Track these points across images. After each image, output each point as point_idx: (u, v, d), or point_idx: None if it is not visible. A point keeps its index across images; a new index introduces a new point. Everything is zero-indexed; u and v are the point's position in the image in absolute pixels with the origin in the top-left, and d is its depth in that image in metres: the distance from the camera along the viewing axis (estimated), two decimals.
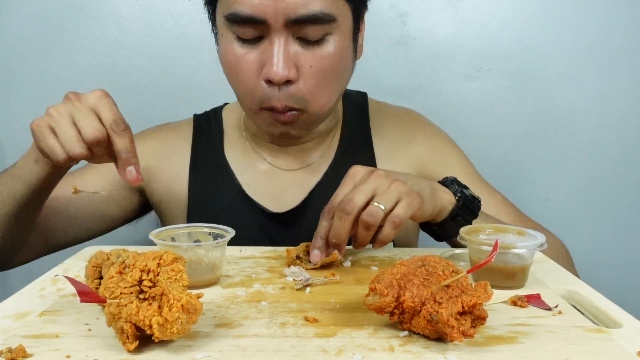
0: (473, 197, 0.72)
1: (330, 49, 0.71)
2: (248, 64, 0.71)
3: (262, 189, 0.86)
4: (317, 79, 0.72)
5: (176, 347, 0.44)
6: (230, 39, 0.72)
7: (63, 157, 0.62)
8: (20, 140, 1.23)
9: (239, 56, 0.72)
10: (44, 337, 0.46)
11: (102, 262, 0.53)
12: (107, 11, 1.18)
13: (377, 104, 0.95)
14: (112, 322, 0.44)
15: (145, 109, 1.21)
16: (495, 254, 0.48)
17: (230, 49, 0.73)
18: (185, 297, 0.43)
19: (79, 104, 0.63)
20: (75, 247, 0.75)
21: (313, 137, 0.86)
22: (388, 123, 0.92)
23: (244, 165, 0.87)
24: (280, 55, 0.69)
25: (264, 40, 0.70)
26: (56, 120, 0.62)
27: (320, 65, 0.71)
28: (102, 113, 0.62)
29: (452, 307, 0.44)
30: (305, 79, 0.71)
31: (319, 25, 0.69)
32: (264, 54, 0.70)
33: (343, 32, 0.73)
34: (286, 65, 0.69)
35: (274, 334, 0.47)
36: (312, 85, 0.72)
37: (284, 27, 0.68)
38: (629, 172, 1.24)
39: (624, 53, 1.19)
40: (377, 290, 0.47)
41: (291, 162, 0.87)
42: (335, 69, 0.73)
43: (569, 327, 0.49)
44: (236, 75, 0.74)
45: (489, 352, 0.44)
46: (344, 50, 0.74)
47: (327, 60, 0.72)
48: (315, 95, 0.73)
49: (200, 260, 0.59)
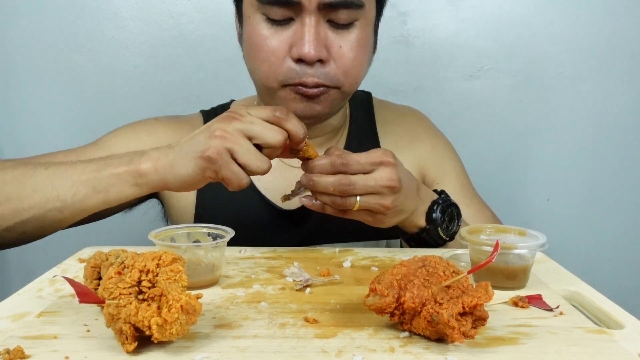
0: (454, 204, 0.74)
1: (358, 34, 0.74)
2: (276, 44, 0.72)
3: (272, 184, 0.85)
4: (347, 59, 0.74)
5: (175, 348, 0.44)
6: (259, 20, 0.73)
7: (247, 182, 0.62)
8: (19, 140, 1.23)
9: (267, 36, 0.73)
10: (43, 338, 0.46)
11: (100, 262, 0.52)
12: (106, 10, 1.18)
13: (381, 102, 0.96)
14: (111, 322, 0.44)
15: (145, 108, 1.21)
16: (496, 255, 0.47)
17: (257, 30, 0.73)
18: (184, 298, 0.43)
19: (243, 118, 0.62)
20: (74, 248, 0.75)
21: (325, 131, 0.86)
22: (393, 120, 0.93)
23: None
24: (311, 35, 0.70)
25: (294, 22, 0.72)
26: (232, 140, 0.60)
27: (349, 48, 0.74)
28: (258, 114, 0.63)
29: (452, 308, 0.44)
30: (336, 58, 0.73)
31: (350, 10, 0.71)
32: (295, 35, 0.72)
33: (368, 20, 0.76)
34: (318, 45, 0.71)
35: (274, 334, 0.47)
36: (342, 64, 0.74)
37: (316, 9, 0.70)
38: (630, 171, 1.24)
39: (625, 53, 1.19)
40: (378, 291, 0.47)
41: None
42: (361, 53, 0.75)
43: (571, 328, 0.49)
44: (260, 54, 0.74)
45: (490, 353, 0.44)
46: (368, 38, 0.77)
47: (356, 42, 0.74)
48: (346, 73, 0.74)
49: (199, 261, 0.59)
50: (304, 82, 0.72)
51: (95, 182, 0.65)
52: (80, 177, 0.65)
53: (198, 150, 0.61)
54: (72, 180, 0.66)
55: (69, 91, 1.20)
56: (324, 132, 0.86)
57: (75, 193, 0.65)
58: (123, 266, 0.46)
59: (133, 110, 1.21)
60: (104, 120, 1.21)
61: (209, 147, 0.60)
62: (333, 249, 0.74)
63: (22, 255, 1.25)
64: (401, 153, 0.88)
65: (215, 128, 0.61)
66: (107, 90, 1.20)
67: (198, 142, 0.61)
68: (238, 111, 0.63)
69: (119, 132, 0.90)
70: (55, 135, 1.21)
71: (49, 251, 1.23)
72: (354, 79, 0.77)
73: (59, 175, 0.67)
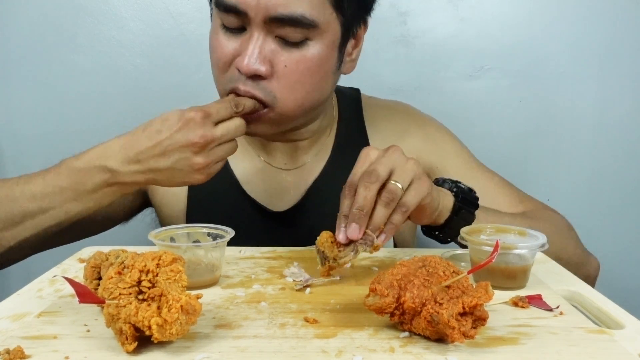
0: (469, 188, 0.72)
1: (309, 53, 0.71)
2: (226, 51, 0.72)
3: (260, 187, 0.85)
4: (290, 80, 0.71)
5: (175, 348, 0.44)
6: (217, 25, 0.74)
7: None
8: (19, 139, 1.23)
9: (220, 42, 0.73)
10: (42, 338, 0.46)
11: (100, 262, 0.52)
12: (106, 10, 1.18)
13: (369, 98, 0.94)
14: (110, 323, 0.44)
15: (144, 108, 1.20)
16: (496, 255, 0.47)
17: (214, 34, 0.75)
18: (184, 298, 0.43)
19: (210, 133, 0.65)
20: (73, 248, 0.75)
21: (307, 135, 0.85)
22: (381, 117, 0.92)
23: (242, 162, 0.87)
24: (255, 49, 0.69)
25: (245, 32, 0.71)
26: (214, 167, 0.67)
27: (295, 68, 0.71)
28: (221, 115, 0.67)
29: (452, 308, 0.44)
30: (278, 77, 0.71)
31: (299, 28, 0.69)
32: (242, 45, 0.71)
33: (326, 40, 0.72)
34: (258, 60, 0.69)
35: (274, 334, 0.47)
36: (283, 85, 0.71)
37: (263, 23, 0.69)
38: (631, 171, 1.24)
39: (625, 52, 1.19)
40: (378, 291, 0.47)
41: (287, 160, 0.86)
42: (310, 75, 0.72)
43: (571, 328, 0.49)
44: (213, 58, 0.75)
45: (490, 353, 0.44)
46: (324, 59, 0.73)
47: (303, 63, 0.71)
48: (284, 95, 0.72)
49: (199, 261, 0.59)
50: (237, 89, 0.71)
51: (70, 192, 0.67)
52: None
53: (185, 180, 0.67)
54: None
55: (69, 91, 1.20)
56: (304, 136, 0.85)
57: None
58: (123, 266, 0.46)
59: (133, 110, 1.21)
60: (104, 120, 1.21)
61: (196, 180, 0.67)
62: None
63: None
64: (391, 139, 0.87)
65: (194, 163, 0.64)
66: (107, 90, 1.20)
67: (180, 172, 0.65)
68: (201, 116, 0.65)
69: None
70: (55, 135, 1.21)
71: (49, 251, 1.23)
72: (294, 102, 0.73)
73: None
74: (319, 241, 0.61)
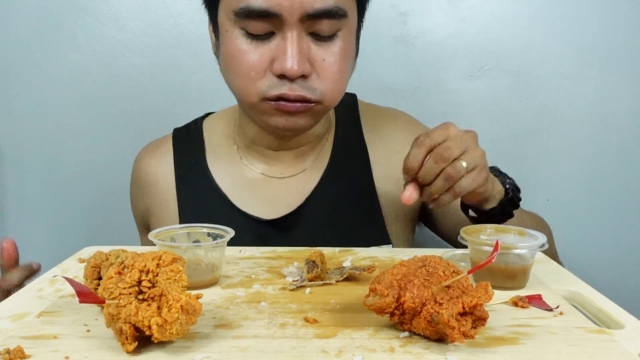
0: (518, 188, 0.74)
1: (341, 43, 0.72)
2: (256, 58, 0.70)
3: (254, 198, 0.84)
4: (331, 73, 0.72)
5: (175, 348, 0.44)
6: (237, 35, 0.71)
7: None
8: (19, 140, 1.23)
9: (246, 51, 0.70)
10: (43, 338, 0.46)
11: (101, 262, 0.52)
12: (106, 10, 1.18)
13: (367, 105, 0.94)
14: (111, 322, 0.44)
15: (144, 108, 1.21)
16: (496, 255, 0.47)
17: (235, 45, 0.71)
18: (184, 298, 0.43)
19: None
20: (74, 248, 0.75)
21: (308, 140, 0.85)
22: (382, 124, 0.91)
23: (232, 177, 0.86)
24: (294, 50, 0.68)
25: (275, 36, 0.70)
26: None
27: (332, 60, 0.72)
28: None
29: (452, 308, 0.44)
30: (319, 72, 0.71)
31: (333, 20, 0.69)
32: (276, 50, 0.69)
33: (350, 28, 0.74)
34: (301, 60, 0.68)
35: (274, 334, 0.47)
36: (325, 79, 0.72)
37: (298, 22, 0.68)
38: (631, 171, 1.24)
39: (625, 52, 1.19)
40: (378, 291, 0.47)
41: (285, 169, 0.86)
42: (345, 64, 0.74)
43: (571, 328, 0.49)
44: (239, 69, 0.72)
45: (490, 353, 0.44)
46: (351, 46, 0.75)
47: (338, 54, 0.72)
48: (328, 88, 0.72)
49: (199, 261, 0.59)
50: (285, 95, 0.70)
51: None
52: None
53: None
54: None
55: (68, 91, 1.20)
56: (307, 140, 0.85)
57: None
58: (123, 266, 0.46)
59: (133, 111, 1.21)
60: (103, 120, 1.21)
61: None
62: (333, 249, 0.74)
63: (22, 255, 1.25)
64: (395, 158, 0.87)
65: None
66: (107, 90, 1.20)
67: None
68: None
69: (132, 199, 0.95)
70: (55, 135, 1.21)
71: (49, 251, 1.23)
72: (338, 93, 0.75)
73: None
74: (311, 255, 0.63)
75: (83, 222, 1.23)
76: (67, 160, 1.22)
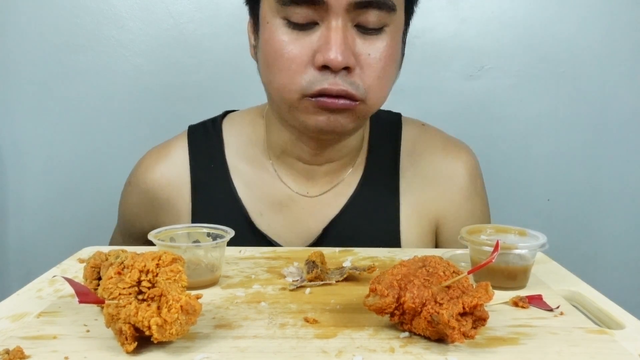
0: None
1: (387, 41, 0.68)
2: (297, 50, 0.65)
3: (276, 219, 0.78)
4: (376, 69, 0.67)
5: (175, 349, 0.44)
6: (279, 25, 0.66)
7: None
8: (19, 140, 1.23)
9: (287, 42, 0.66)
10: (42, 339, 0.46)
11: (100, 262, 0.52)
12: (106, 10, 1.18)
13: (416, 128, 0.84)
14: (110, 323, 0.43)
15: (144, 108, 1.21)
16: (496, 255, 0.47)
17: (276, 36, 0.66)
18: (184, 298, 0.42)
19: None
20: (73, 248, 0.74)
21: (342, 154, 0.79)
22: (425, 150, 0.82)
23: (255, 190, 0.79)
24: (339, 39, 0.64)
25: (318, 27, 0.65)
26: None
27: (379, 56, 0.67)
28: None
29: (453, 308, 0.44)
30: (363, 67, 0.67)
31: (381, 11, 0.65)
32: (319, 40, 0.65)
33: (398, 26, 0.70)
34: (345, 51, 0.64)
35: (274, 335, 0.47)
36: (369, 75, 0.67)
37: (345, 11, 0.64)
38: (631, 171, 1.24)
39: (626, 52, 1.19)
40: (378, 291, 0.46)
41: (313, 187, 0.80)
42: (390, 64, 0.69)
43: (571, 329, 0.49)
44: (280, 62, 0.66)
45: (490, 354, 0.44)
46: (397, 46, 0.70)
47: (385, 51, 0.67)
48: (373, 85, 0.67)
49: (199, 261, 0.59)
50: (327, 90, 0.65)
51: None
52: None
53: None
54: None
55: (68, 91, 1.20)
56: (341, 154, 0.78)
57: None
58: (123, 266, 0.46)
59: (133, 110, 1.21)
60: (103, 120, 1.21)
61: None
62: (333, 249, 0.74)
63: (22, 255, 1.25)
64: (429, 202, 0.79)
65: None
66: (106, 89, 1.20)
67: None
68: None
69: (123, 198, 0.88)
70: (55, 135, 1.21)
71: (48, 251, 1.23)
72: (381, 93, 0.70)
73: None
74: (311, 256, 0.63)
75: (82, 222, 1.23)
76: (66, 160, 1.22)
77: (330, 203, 0.80)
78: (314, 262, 0.61)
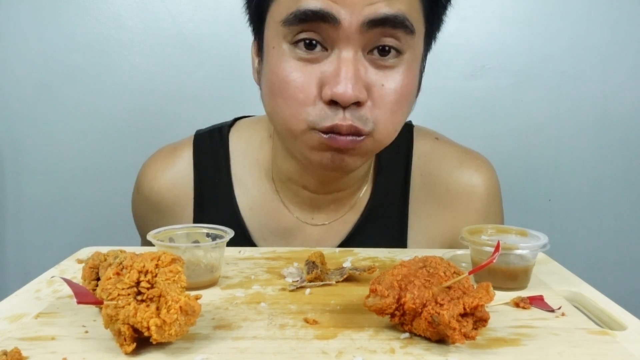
0: None
1: (404, 69, 0.62)
2: (303, 79, 0.60)
3: (279, 245, 0.76)
4: (389, 102, 0.62)
5: (174, 349, 0.44)
6: (285, 51, 0.61)
7: None
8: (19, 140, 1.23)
9: (294, 68, 0.60)
10: (40, 340, 0.45)
11: (99, 263, 0.52)
12: (105, 9, 1.17)
13: (428, 142, 0.78)
14: (109, 324, 0.43)
15: (143, 107, 1.20)
16: (497, 255, 0.47)
17: (282, 62, 0.61)
18: (183, 299, 0.42)
19: None
20: (72, 248, 0.74)
21: (349, 184, 0.75)
22: (437, 166, 0.77)
23: (260, 214, 0.77)
24: (349, 72, 0.58)
25: (327, 53, 0.60)
26: None
27: (393, 87, 0.61)
28: None
29: (453, 309, 0.43)
30: (375, 99, 0.61)
31: (399, 32, 0.59)
32: (328, 69, 0.60)
33: (416, 53, 0.64)
34: (356, 84, 0.58)
35: (274, 335, 0.46)
36: (381, 108, 0.61)
37: (357, 33, 0.58)
38: (633, 171, 1.24)
39: (626, 52, 1.19)
40: (378, 292, 0.46)
41: (318, 214, 0.77)
42: (405, 95, 0.63)
43: (573, 329, 0.49)
44: (285, 90, 0.61)
45: (491, 355, 0.44)
46: (415, 76, 0.65)
47: (401, 81, 0.62)
48: (384, 119, 0.62)
49: (198, 261, 0.59)
50: (338, 126, 0.59)
51: None
52: None
53: None
54: None
55: (67, 90, 1.20)
56: (348, 184, 0.75)
57: None
58: (121, 267, 0.45)
59: (132, 110, 1.21)
60: (102, 119, 1.21)
61: None
62: (333, 249, 0.74)
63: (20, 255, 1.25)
64: (434, 213, 0.75)
65: None
66: (105, 89, 1.20)
67: None
68: None
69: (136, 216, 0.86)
70: (55, 135, 1.21)
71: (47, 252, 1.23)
72: (392, 127, 0.64)
73: None
74: (311, 256, 0.62)
75: (81, 222, 1.23)
76: (65, 160, 1.22)
77: (336, 231, 0.77)
78: (313, 263, 0.61)
